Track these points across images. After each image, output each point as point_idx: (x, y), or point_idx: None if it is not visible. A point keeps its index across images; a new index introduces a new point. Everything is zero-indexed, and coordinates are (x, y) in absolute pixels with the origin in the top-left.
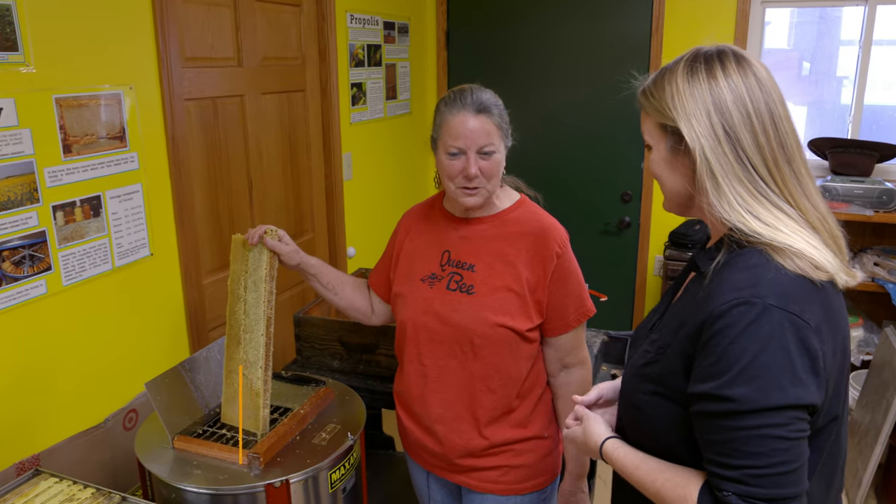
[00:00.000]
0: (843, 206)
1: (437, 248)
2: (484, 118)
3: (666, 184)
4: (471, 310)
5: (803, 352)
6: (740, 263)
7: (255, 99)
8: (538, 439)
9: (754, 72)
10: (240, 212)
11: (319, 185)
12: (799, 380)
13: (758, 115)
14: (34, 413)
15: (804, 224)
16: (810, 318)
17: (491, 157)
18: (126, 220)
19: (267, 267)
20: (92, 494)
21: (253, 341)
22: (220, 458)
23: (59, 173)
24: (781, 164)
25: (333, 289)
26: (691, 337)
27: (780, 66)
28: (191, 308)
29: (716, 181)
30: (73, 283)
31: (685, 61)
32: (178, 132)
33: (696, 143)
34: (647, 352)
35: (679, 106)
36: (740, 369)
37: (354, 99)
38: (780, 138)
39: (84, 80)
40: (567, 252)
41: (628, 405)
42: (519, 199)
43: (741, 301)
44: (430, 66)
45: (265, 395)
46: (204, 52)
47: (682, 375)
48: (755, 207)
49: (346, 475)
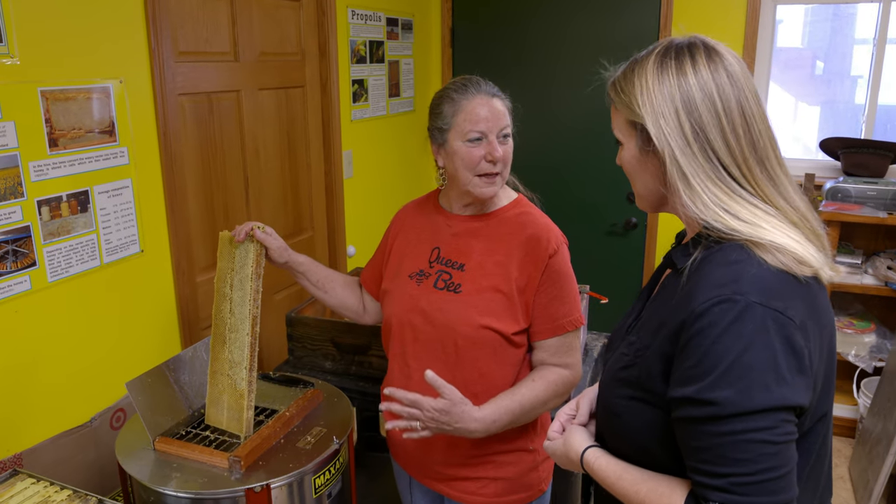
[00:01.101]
0: (856, 207)
1: (427, 245)
2: (499, 101)
3: (637, 182)
4: (456, 309)
5: (788, 350)
6: (720, 259)
7: (252, 95)
8: (522, 452)
9: (726, 66)
10: (235, 209)
11: (319, 182)
12: (784, 379)
13: (727, 113)
14: (17, 412)
15: (784, 220)
16: (795, 314)
17: (508, 140)
18: (115, 216)
19: (253, 264)
20: (68, 496)
21: (238, 341)
22: (202, 460)
23: (45, 167)
24: (752, 165)
25: (323, 287)
26: (670, 338)
27: (792, 65)
28: (183, 306)
29: (687, 182)
30: (59, 280)
31: (656, 54)
32: (171, 127)
33: (664, 143)
34: (623, 355)
35: (647, 104)
36: (723, 370)
37: (356, 96)
38: (752, 137)
39: (71, 73)
40: (560, 255)
41: (606, 411)
42: (515, 199)
43: (722, 298)
44: (434, 63)
45: (249, 397)
46: (198, 47)
47: (661, 379)
48: (732, 205)
49: (332, 480)
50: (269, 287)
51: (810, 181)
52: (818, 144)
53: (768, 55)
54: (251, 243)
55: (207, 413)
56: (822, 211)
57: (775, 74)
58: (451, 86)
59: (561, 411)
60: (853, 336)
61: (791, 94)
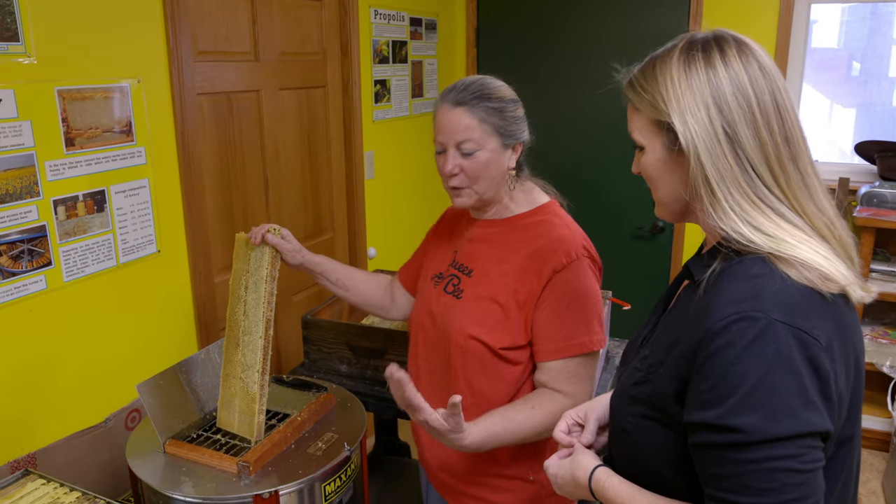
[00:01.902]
0: (892, 213)
1: (450, 248)
2: (462, 111)
3: (661, 189)
4: (452, 315)
5: (813, 373)
6: (740, 273)
7: (273, 95)
8: (520, 480)
9: (757, 58)
10: (254, 209)
11: (340, 183)
12: (812, 403)
13: (761, 107)
14: (31, 411)
15: (811, 232)
16: (820, 334)
17: (473, 156)
18: (132, 216)
19: (268, 267)
20: (77, 498)
21: (251, 344)
22: (211, 465)
23: (61, 167)
24: (786, 163)
25: (344, 285)
26: (685, 357)
27: (827, 66)
28: (200, 306)
29: (710, 186)
30: (75, 279)
31: (680, 49)
32: (189, 127)
33: (690, 143)
34: (636, 370)
35: (674, 100)
36: (744, 394)
37: (378, 96)
38: (786, 132)
39: (88, 72)
40: (573, 270)
41: (617, 429)
42: (542, 205)
43: (742, 316)
44: (459, 63)
45: (261, 401)
46: (218, 46)
47: (674, 399)
48: (755, 217)
49: (343, 487)
50: (288, 288)
51: (844, 186)
52: (853, 148)
53: (802, 56)
54: (266, 246)
55: (219, 416)
56: (857, 217)
57: (809, 76)
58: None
59: (567, 414)
60: (888, 346)
61: (826, 96)
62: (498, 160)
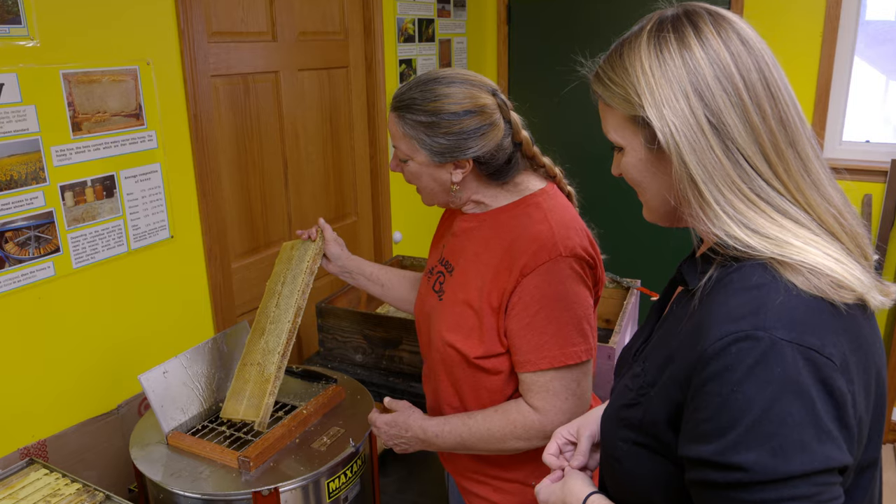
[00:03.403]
0: None
1: (442, 241)
2: (393, 117)
3: (647, 191)
4: (434, 318)
5: (827, 397)
6: (738, 282)
7: (292, 76)
8: (522, 485)
9: (737, 31)
10: (273, 193)
11: (364, 166)
12: (827, 434)
13: (749, 87)
14: (41, 399)
15: (819, 230)
16: (834, 352)
17: (406, 163)
18: (143, 201)
19: (310, 261)
20: (77, 490)
21: (276, 330)
22: (213, 458)
23: (68, 152)
24: (783, 148)
25: (378, 280)
26: (678, 380)
27: (882, 40)
28: (216, 293)
29: (696, 187)
30: (85, 266)
31: (648, 31)
32: (203, 110)
33: (669, 139)
34: (627, 388)
35: (647, 91)
36: (747, 426)
37: (403, 76)
38: (781, 113)
39: (95, 54)
40: (544, 273)
41: (607, 455)
42: (527, 196)
43: (742, 335)
44: (489, 42)
45: (274, 383)
46: (233, 26)
47: (667, 426)
48: (752, 218)
49: (348, 484)
50: None
51: None
52: None
53: (853, 28)
54: (312, 243)
55: (225, 407)
56: None
57: (861, 50)
58: None
59: (558, 432)
60: None
61: (880, 71)
62: (432, 174)
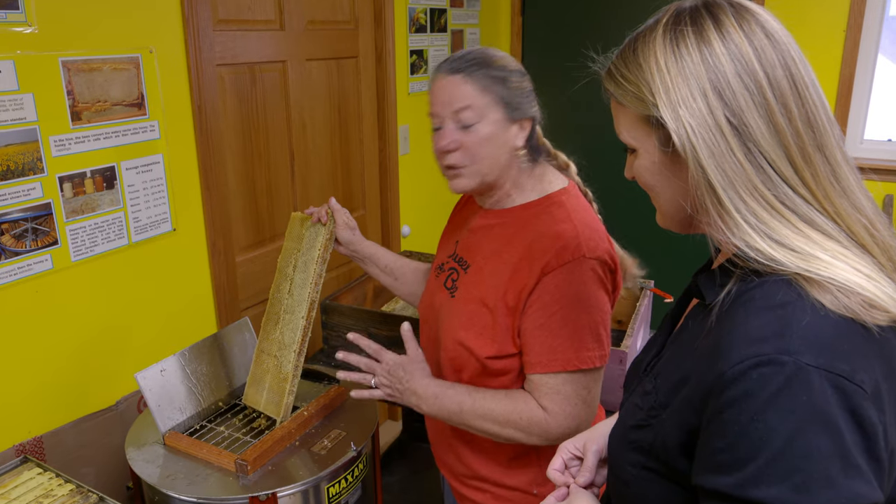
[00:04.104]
0: None
1: (454, 237)
2: (460, 79)
3: (662, 196)
4: (445, 314)
5: (856, 428)
6: (760, 301)
7: (299, 65)
8: (523, 493)
9: (762, 24)
10: (279, 186)
11: (372, 158)
12: (857, 468)
13: (773, 85)
14: (38, 394)
15: (849, 242)
16: (864, 379)
17: (472, 128)
18: (145, 193)
19: (321, 248)
20: (70, 491)
21: (292, 323)
22: (210, 460)
23: (67, 142)
24: (811, 153)
25: (392, 273)
26: (694, 404)
27: None
28: (219, 286)
29: (716, 195)
30: (84, 259)
31: (664, 24)
32: (207, 100)
33: (686, 141)
34: (637, 407)
35: (662, 89)
36: (769, 459)
37: (414, 67)
38: (808, 113)
39: (96, 42)
40: (566, 273)
41: (614, 477)
42: (549, 195)
43: (764, 359)
44: (503, 32)
45: (293, 381)
46: (240, 14)
47: (680, 452)
48: (776, 228)
49: (349, 488)
50: None
51: None
52: None
53: (878, 24)
54: (323, 227)
55: (246, 392)
56: None
57: (885, 47)
58: None
59: (564, 446)
60: None
61: None
62: (502, 135)
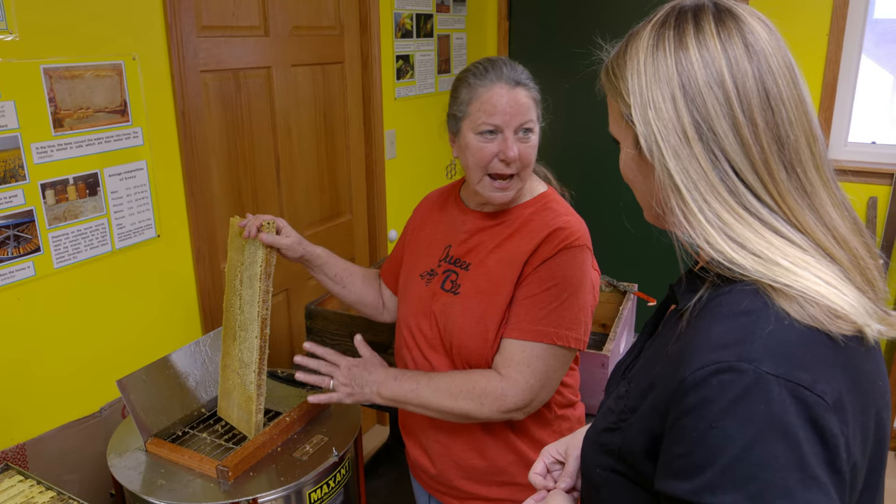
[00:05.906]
0: None
1: (441, 242)
2: (522, 92)
3: (637, 191)
4: (453, 312)
5: (816, 439)
6: (726, 307)
7: (285, 71)
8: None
9: (744, 34)
10: (265, 191)
11: (359, 164)
12: (815, 480)
13: (742, 97)
14: (21, 401)
15: (815, 251)
16: (826, 389)
17: (529, 137)
18: (128, 200)
19: (263, 263)
20: (51, 498)
21: (247, 341)
22: (191, 466)
23: (49, 149)
24: (774, 167)
25: (341, 281)
26: (658, 409)
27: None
28: (204, 293)
29: (679, 194)
30: (66, 266)
31: (653, 25)
32: (191, 106)
33: (652, 143)
34: (610, 410)
35: (638, 90)
36: (724, 466)
37: (400, 72)
38: (777, 130)
39: (78, 49)
40: (567, 255)
41: (585, 480)
42: (541, 194)
43: (723, 366)
44: (490, 37)
45: (258, 400)
46: (224, 21)
47: (644, 456)
48: (738, 230)
49: (331, 493)
50: (303, 273)
51: None
52: None
53: (861, 27)
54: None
55: (220, 405)
56: None
57: (869, 49)
58: (472, 68)
59: (546, 450)
60: None
61: (888, 71)
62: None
